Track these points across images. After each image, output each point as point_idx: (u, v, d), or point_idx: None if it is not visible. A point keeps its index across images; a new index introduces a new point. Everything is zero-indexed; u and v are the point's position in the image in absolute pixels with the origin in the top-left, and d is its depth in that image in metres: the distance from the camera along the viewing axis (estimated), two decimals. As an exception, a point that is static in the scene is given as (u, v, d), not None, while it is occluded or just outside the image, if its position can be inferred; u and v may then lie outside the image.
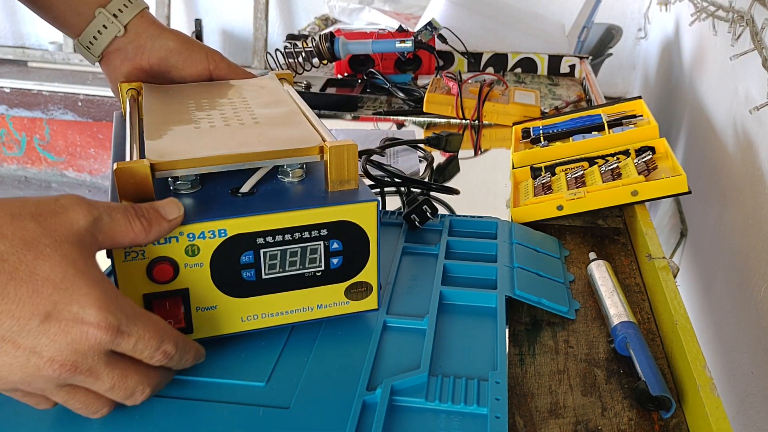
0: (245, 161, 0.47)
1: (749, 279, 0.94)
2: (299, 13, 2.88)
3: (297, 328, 0.51)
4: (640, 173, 0.69)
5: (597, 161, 0.77)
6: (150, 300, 0.44)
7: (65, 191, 0.39)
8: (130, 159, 0.47)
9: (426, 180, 0.82)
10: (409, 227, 0.66)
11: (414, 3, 2.02)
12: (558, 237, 0.69)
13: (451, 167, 0.90)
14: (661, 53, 2.08)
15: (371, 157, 0.79)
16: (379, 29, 1.28)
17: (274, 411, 0.43)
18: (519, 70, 1.38)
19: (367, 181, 0.75)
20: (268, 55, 1.19)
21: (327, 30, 1.52)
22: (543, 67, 1.37)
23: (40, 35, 3.09)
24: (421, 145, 0.90)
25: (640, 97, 0.89)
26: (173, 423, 0.42)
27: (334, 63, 1.20)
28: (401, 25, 1.30)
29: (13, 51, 3.08)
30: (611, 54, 2.16)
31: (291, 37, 1.50)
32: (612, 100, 0.97)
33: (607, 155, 0.78)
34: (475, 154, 0.98)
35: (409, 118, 1.09)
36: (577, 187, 0.72)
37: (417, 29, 1.19)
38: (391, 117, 1.10)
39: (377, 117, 1.10)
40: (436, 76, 1.13)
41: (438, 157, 0.91)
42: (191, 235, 0.44)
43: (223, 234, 0.44)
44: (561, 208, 0.70)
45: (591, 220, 0.72)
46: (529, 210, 0.71)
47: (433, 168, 0.87)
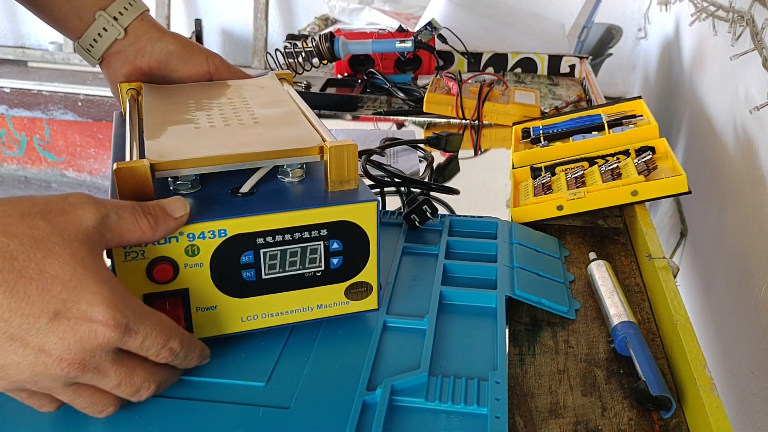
0: (245, 161, 0.47)
1: (749, 279, 0.94)
2: (299, 13, 2.88)
3: (297, 328, 0.51)
4: (640, 173, 0.69)
5: (597, 161, 0.77)
6: (150, 300, 0.44)
7: (65, 191, 0.39)
8: (130, 159, 0.47)
9: (426, 180, 0.82)
10: (409, 227, 0.66)
11: (414, 3, 2.02)
12: (558, 237, 0.69)
13: (451, 167, 0.90)
14: (661, 53, 2.08)
15: (371, 157, 0.79)
16: (379, 29, 1.28)
17: (274, 411, 0.43)
18: (519, 70, 1.38)
19: (367, 181, 0.75)
20: (268, 55, 1.19)
21: (327, 30, 1.52)
22: (543, 67, 1.37)
23: (40, 35, 3.09)
24: (421, 145, 0.90)
25: (640, 97, 0.89)
26: (173, 423, 0.42)
27: (334, 63, 1.20)
28: (401, 25, 1.30)
29: (13, 51, 3.08)
30: (611, 54, 2.16)
31: (291, 37, 1.50)
32: (612, 100, 0.97)
33: (607, 155, 0.78)
34: (475, 154, 0.98)
35: (409, 118, 1.09)
36: (577, 187, 0.72)
37: (417, 29, 1.19)
38: (391, 117, 1.10)
39: (377, 117, 1.10)
40: (436, 76, 1.13)
41: (438, 157, 0.91)
42: (191, 235, 0.44)
43: (223, 234, 0.44)
44: (561, 208, 0.70)
45: (591, 220, 0.72)
46: (529, 210, 0.71)
47: (433, 168, 0.87)
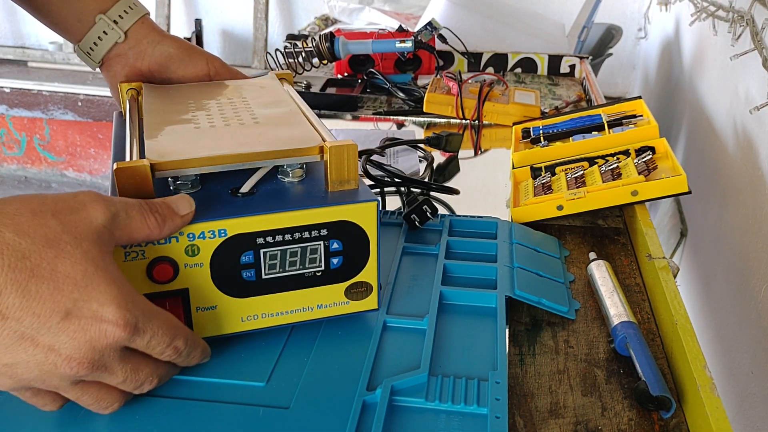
0: (245, 161, 0.47)
1: (749, 279, 0.94)
2: (299, 13, 2.88)
3: (297, 328, 0.51)
4: (640, 173, 0.69)
5: (597, 161, 0.77)
6: (150, 300, 0.44)
7: (66, 191, 0.39)
8: (130, 159, 0.48)
9: (426, 180, 0.82)
10: (409, 227, 0.66)
11: (414, 3, 2.02)
12: (558, 237, 0.69)
13: (451, 167, 0.90)
14: (661, 53, 2.08)
15: (371, 157, 0.79)
16: (379, 29, 1.28)
17: (274, 411, 0.43)
18: (519, 70, 1.38)
19: (367, 181, 0.75)
20: (268, 55, 1.19)
21: (327, 30, 1.52)
22: (543, 67, 1.37)
23: (40, 35, 3.09)
24: (421, 145, 0.90)
25: (640, 97, 0.89)
26: (173, 423, 0.42)
27: (334, 63, 1.20)
28: (401, 25, 1.30)
29: (13, 51, 3.08)
30: (611, 54, 2.16)
31: (291, 37, 1.50)
32: (612, 100, 0.97)
33: (607, 155, 0.78)
34: (475, 154, 0.98)
35: (409, 118, 1.09)
36: (577, 187, 0.72)
37: (417, 29, 1.19)
38: (391, 117, 1.10)
39: (377, 117, 1.10)
40: (436, 76, 1.13)
41: (438, 157, 0.91)
42: (191, 235, 0.44)
43: (223, 234, 0.44)
44: (561, 208, 0.70)
45: (591, 220, 0.72)
46: (529, 210, 0.71)
47: (433, 168, 0.87)
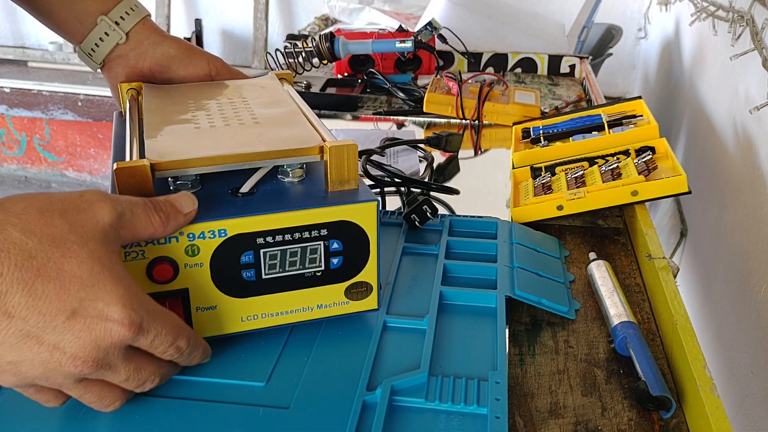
0: (245, 161, 0.47)
1: (749, 279, 0.94)
2: (299, 13, 2.88)
3: (297, 328, 0.51)
4: (640, 173, 0.69)
5: (597, 161, 0.77)
6: (150, 300, 0.44)
7: (66, 191, 0.40)
8: (130, 159, 0.48)
9: (426, 180, 0.82)
10: (409, 227, 0.66)
11: (414, 3, 2.02)
12: (558, 237, 0.69)
13: (451, 167, 0.90)
14: (661, 53, 2.08)
15: (371, 157, 0.79)
16: (379, 29, 1.28)
17: (274, 411, 0.43)
18: (519, 70, 1.38)
19: (367, 181, 0.75)
20: (268, 55, 1.19)
21: (327, 30, 1.52)
22: (543, 67, 1.37)
23: (40, 35, 3.09)
24: (421, 145, 0.90)
25: (640, 97, 0.89)
26: (173, 423, 0.42)
27: (334, 63, 1.20)
28: (401, 25, 1.30)
29: (13, 51, 3.08)
30: (611, 54, 2.16)
31: (291, 37, 1.50)
32: (612, 100, 0.97)
33: (607, 155, 0.78)
34: (475, 154, 0.98)
35: (409, 118, 1.09)
36: (577, 187, 0.72)
37: (417, 29, 1.19)
38: (391, 117, 1.10)
39: (377, 117, 1.10)
40: (436, 76, 1.13)
41: (438, 157, 0.91)
42: (191, 235, 0.44)
43: (223, 234, 0.44)
44: (561, 208, 0.70)
45: (591, 220, 0.72)
46: (529, 210, 0.71)
47: (433, 168, 0.87)
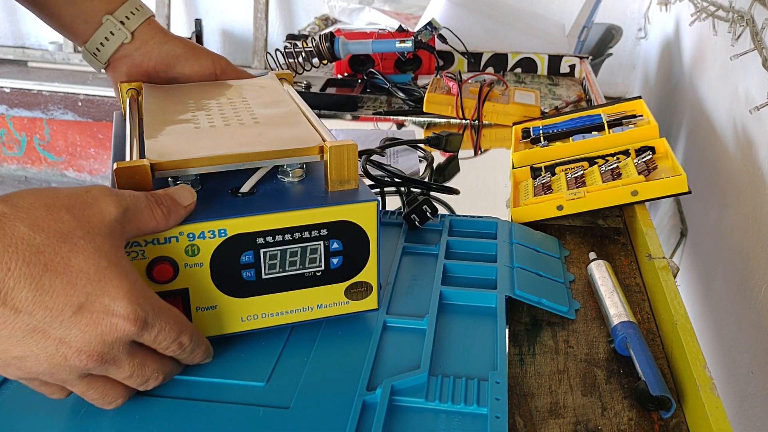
0: (245, 161, 0.47)
1: (749, 279, 0.94)
2: (299, 13, 2.88)
3: (297, 328, 0.51)
4: (640, 173, 0.69)
5: (597, 161, 0.77)
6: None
7: (71, 187, 0.40)
8: (130, 159, 0.48)
9: (426, 180, 0.82)
10: (409, 227, 0.66)
11: (414, 3, 2.02)
12: (558, 237, 0.69)
13: (451, 167, 0.90)
14: (661, 53, 2.08)
15: (371, 157, 0.79)
16: (379, 29, 1.28)
17: (274, 411, 0.43)
18: (519, 70, 1.38)
19: (367, 181, 0.75)
20: (268, 55, 1.19)
21: (327, 30, 1.52)
22: (543, 67, 1.37)
23: (40, 35, 3.09)
24: (421, 145, 0.90)
25: (640, 97, 0.89)
26: (173, 423, 0.42)
27: (334, 63, 1.20)
28: (401, 25, 1.30)
29: (13, 51, 3.07)
30: (611, 54, 2.16)
31: (291, 37, 1.50)
32: (612, 100, 0.97)
33: (607, 155, 0.78)
34: (475, 154, 0.98)
35: (409, 118, 1.09)
36: (577, 187, 0.72)
37: (417, 29, 1.19)
38: (391, 117, 1.10)
39: (377, 117, 1.10)
40: (436, 76, 1.13)
41: (438, 157, 0.91)
42: (191, 235, 0.44)
43: (223, 234, 0.44)
44: (561, 208, 0.70)
45: (591, 220, 0.72)
46: (529, 210, 0.71)
47: (433, 168, 0.87)
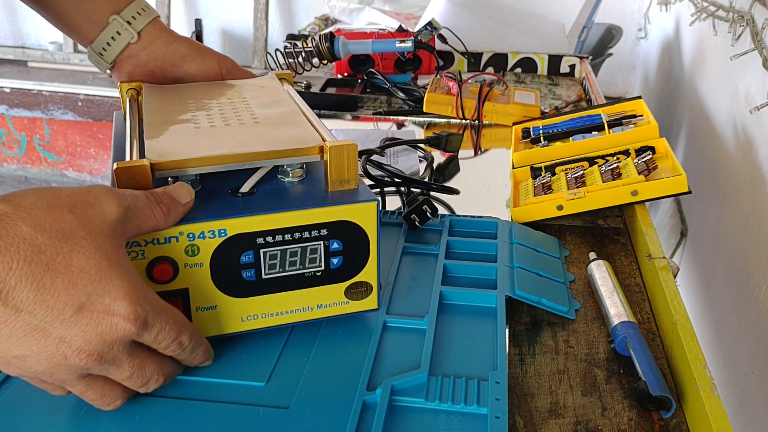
0: (245, 161, 0.47)
1: (749, 279, 0.94)
2: (299, 13, 2.88)
3: (297, 328, 0.51)
4: (640, 173, 0.69)
5: (597, 161, 0.77)
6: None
7: (72, 186, 0.40)
8: (130, 159, 0.48)
9: (426, 180, 0.82)
10: (409, 227, 0.66)
11: (414, 3, 2.02)
12: (558, 237, 0.69)
13: (451, 167, 0.90)
14: (661, 53, 2.08)
15: (371, 157, 0.79)
16: (379, 29, 1.28)
17: (274, 411, 0.43)
18: (519, 70, 1.38)
19: (367, 181, 0.75)
20: (268, 55, 1.19)
21: (327, 30, 1.52)
22: (543, 67, 1.37)
23: (40, 35, 3.09)
24: (421, 145, 0.90)
25: (640, 97, 0.89)
26: (173, 423, 0.42)
27: (334, 63, 1.20)
28: (401, 25, 1.30)
29: (13, 51, 3.08)
30: (611, 54, 2.16)
31: (291, 37, 1.50)
32: (612, 100, 0.97)
33: (607, 155, 0.78)
34: (475, 154, 0.98)
35: (409, 118, 1.09)
36: (577, 187, 0.72)
37: (417, 29, 1.19)
38: (391, 117, 1.10)
39: (377, 117, 1.10)
40: (436, 76, 1.13)
41: (438, 157, 0.91)
42: (191, 235, 0.44)
43: (223, 234, 0.44)
44: (561, 208, 0.70)
45: (591, 220, 0.72)
46: (529, 210, 0.71)
47: (433, 168, 0.87)
